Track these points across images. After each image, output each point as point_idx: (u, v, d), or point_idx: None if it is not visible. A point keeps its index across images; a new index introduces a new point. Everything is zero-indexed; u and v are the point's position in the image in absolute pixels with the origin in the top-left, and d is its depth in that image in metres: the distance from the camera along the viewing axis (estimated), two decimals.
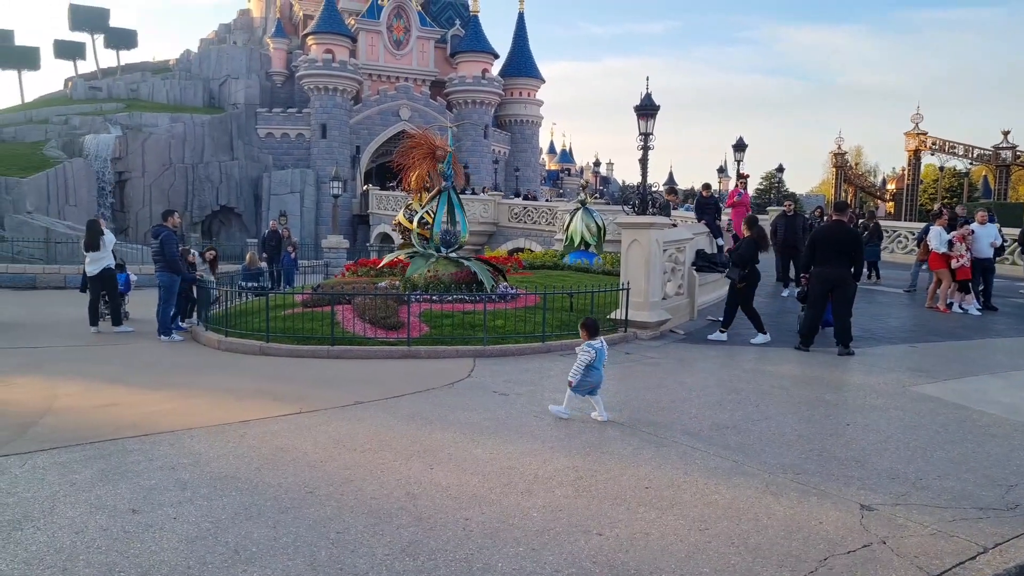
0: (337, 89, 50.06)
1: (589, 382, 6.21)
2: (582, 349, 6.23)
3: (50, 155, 43.80)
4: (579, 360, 6.17)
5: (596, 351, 6.22)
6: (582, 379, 6.18)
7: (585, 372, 6.17)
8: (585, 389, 6.24)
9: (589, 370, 6.17)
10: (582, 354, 6.18)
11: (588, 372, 6.17)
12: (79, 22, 56.66)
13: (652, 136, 13.84)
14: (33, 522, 3.90)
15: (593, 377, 6.20)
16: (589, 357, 6.16)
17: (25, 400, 6.83)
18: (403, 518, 4.05)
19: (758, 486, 4.65)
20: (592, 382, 6.22)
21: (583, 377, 6.17)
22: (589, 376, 6.19)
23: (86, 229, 12.44)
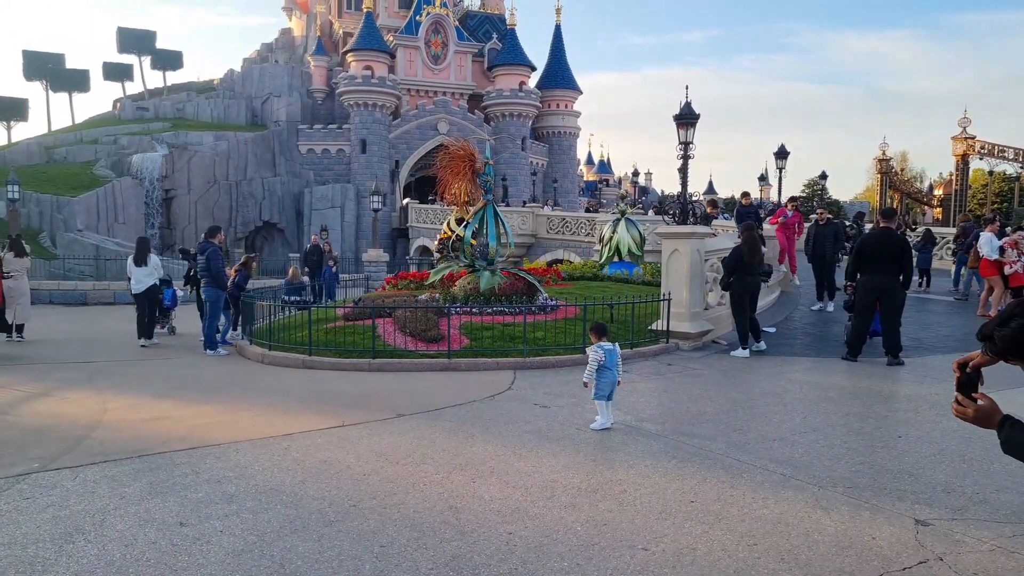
0: (376, 104, 50.78)
1: (606, 383, 6.30)
2: (592, 349, 6.38)
3: (100, 174, 45.27)
4: (590, 360, 6.33)
5: (606, 352, 6.34)
6: (599, 382, 6.30)
7: (599, 374, 6.27)
8: (604, 393, 6.34)
9: (602, 371, 6.29)
10: (592, 354, 6.34)
11: (602, 373, 6.28)
12: (127, 44, 58.60)
13: (692, 145, 13.69)
14: (84, 535, 3.98)
15: (607, 378, 6.31)
16: (599, 356, 6.29)
17: (77, 414, 7.01)
18: (446, 532, 4.03)
19: (808, 500, 4.52)
20: (608, 383, 6.31)
21: (599, 379, 6.29)
22: (604, 377, 6.29)
23: (137, 244, 13.30)
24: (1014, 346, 2.47)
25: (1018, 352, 2.47)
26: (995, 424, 2.55)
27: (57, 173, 44.94)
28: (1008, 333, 2.47)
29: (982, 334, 2.57)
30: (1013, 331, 2.46)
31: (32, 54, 57.62)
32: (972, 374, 2.60)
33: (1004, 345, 2.48)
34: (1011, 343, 2.47)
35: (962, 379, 2.62)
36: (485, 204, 12.71)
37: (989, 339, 2.53)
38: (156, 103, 56.16)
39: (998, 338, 2.49)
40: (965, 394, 2.61)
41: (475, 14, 61.36)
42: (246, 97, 56.12)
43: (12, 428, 6.47)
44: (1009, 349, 2.48)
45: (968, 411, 2.58)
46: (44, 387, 8.43)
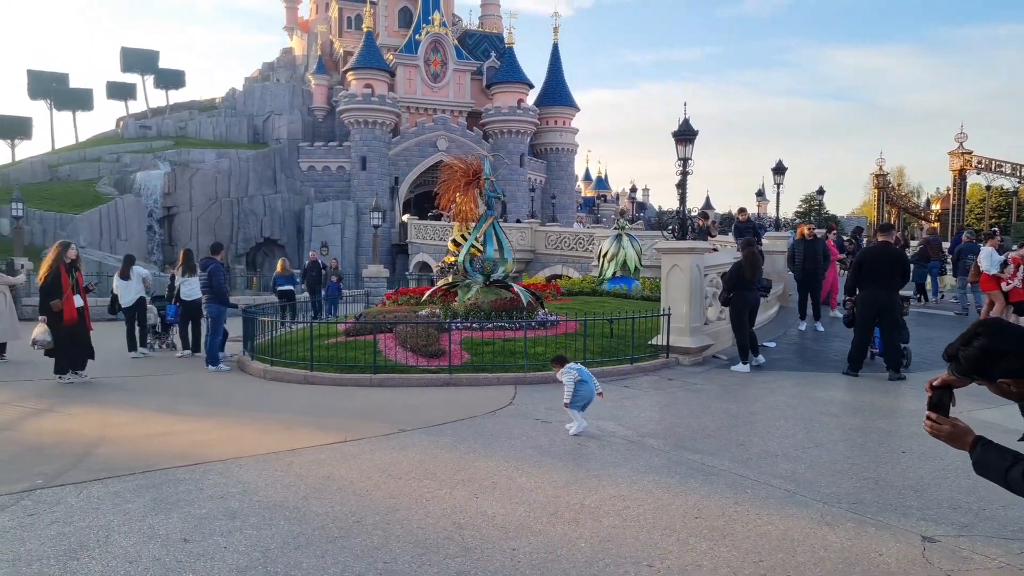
0: (376, 122, 51.07)
1: (583, 396, 6.64)
2: (563, 374, 6.71)
3: (103, 192, 45.45)
4: (566, 385, 6.63)
5: (576, 370, 6.70)
6: (576, 394, 6.60)
7: (578, 387, 6.61)
8: (580, 403, 6.63)
9: (580, 385, 6.62)
10: (565, 378, 6.65)
11: (580, 387, 6.62)
12: (130, 64, 59.04)
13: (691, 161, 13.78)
14: (89, 551, 3.97)
15: (585, 390, 6.64)
16: (573, 376, 6.63)
17: (80, 430, 7.01)
18: (450, 548, 4.03)
19: (813, 516, 4.52)
20: (585, 395, 6.64)
21: (577, 392, 6.60)
22: (581, 390, 6.63)
23: (123, 260, 14.02)
24: (978, 366, 2.48)
25: (982, 372, 2.48)
26: (968, 444, 2.57)
27: (61, 191, 45.12)
28: (972, 353, 2.48)
29: (947, 354, 2.58)
30: (976, 351, 2.47)
31: (37, 73, 58.01)
32: (943, 393, 2.62)
33: (968, 365, 2.49)
34: (975, 363, 2.48)
35: (933, 399, 2.64)
36: (490, 220, 12.77)
37: (954, 359, 2.55)
38: (159, 121, 56.49)
39: (962, 358, 2.50)
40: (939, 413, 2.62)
41: (474, 33, 61.91)
42: (248, 115, 56.49)
43: (16, 444, 6.46)
44: (973, 369, 2.49)
45: (943, 428, 2.59)
46: (48, 403, 8.42)
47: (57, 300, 9.75)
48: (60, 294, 9.81)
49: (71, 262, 10.12)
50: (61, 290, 9.83)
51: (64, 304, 9.77)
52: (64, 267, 9.92)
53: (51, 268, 9.84)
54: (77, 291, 10.10)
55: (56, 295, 9.79)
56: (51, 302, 9.76)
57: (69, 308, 9.83)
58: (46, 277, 9.84)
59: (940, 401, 2.61)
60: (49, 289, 9.82)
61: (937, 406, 2.61)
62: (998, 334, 2.45)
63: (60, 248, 10.16)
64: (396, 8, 58.39)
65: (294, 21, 69.86)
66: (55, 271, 9.83)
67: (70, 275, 9.99)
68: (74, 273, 10.12)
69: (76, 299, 10.00)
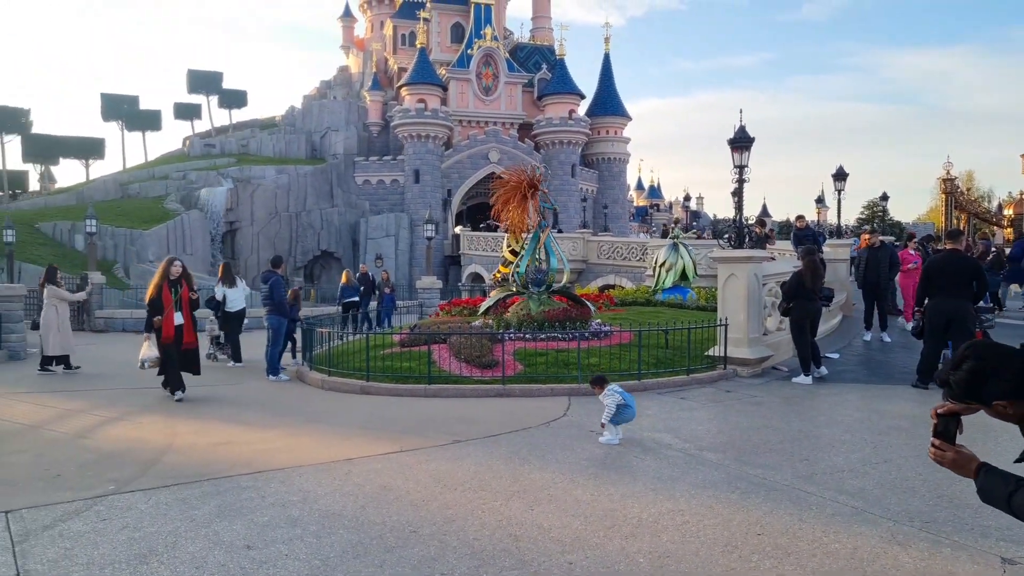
0: (429, 136, 51.77)
1: (625, 417, 6.71)
2: (606, 395, 6.74)
3: (170, 208, 47.23)
4: (608, 407, 6.67)
5: (619, 393, 6.75)
6: (619, 415, 6.67)
7: (621, 410, 6.66)
8: (616, 421, 6.70)
9: (623, 409, 6.68)
10: (608, 400, 6.69)
11: (623, 411, 6.68)
12: (196, 85, 61.43)
13: (747, 169, 13.52)
14: (158, 556, 4.09)
15: (627, 414, 6.70)
16: (617, 399, 6.67)
17: (149, 438, 7.25)
18: (506, 560, 4.01)
19: (882, 535, 4.35)
20: (627, 418, 6.72)
21: (620, 413, 6.66)
22: (623, 414, 6.68)
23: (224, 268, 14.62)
24: (970, 389, 2.37)
25: (974, 395, 2.37)
26: (972, 472, 2.47)
27: (131, 208, 47.07)
28: (962, 376, 2.38)
29: (939, 380, 2.48)
30: (966, 374, 2.37)
31: (109, 97, 60.88)
32: (948, 421, 2.52)
33: (960, 389, 2.39)
34: (966, 386, 2.37)
35: (938, 427, 2.54)
36: (546, 231, 12.79)
37: (946, 384, 2.44)
38: (222, 140, 58.52)
39: (953, 382, 2.41)
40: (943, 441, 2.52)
41: (525, 46, 62.28)
42: (306, 132, 58.01)
43: (90, 452, 6.72)
44: (966, 393, 2.38)
45: (947, 455, 2.50)
46: (119, 412, 8.75)
47: (159, 317, 9.55)
48: (162, 311, 9.59)
49: (175, 278, 9.80)
50: (163, 307, 9.60)
51: (164, 322, 9.56)
52: (167, 284, 9.68)
53: (156, 286, 9.70)
54: (180, 308, 9.78)
55: (160, 312, 9.59)
56: (153, 319, 9.60)
57: (166, 327, 9.58)
58: (152, 294, 9.70)
59: (946, 429, 2.52)
60: (154, 306, 9.66)
61: (942, 434, 2.52)
62: (986, 355, 2.35)
63: (165, 264, 9.97)
64: (448, 24, 59.19)
65: (350, 40, 71.50)
66: (159, 287, 9.65)
67: (173, 292, 9.70)
68: (178, 289, 9.77)
69: (176, 316, 9.70)
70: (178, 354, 9.70)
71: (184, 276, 9.91)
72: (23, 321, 15.54)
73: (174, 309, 9.65)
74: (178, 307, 9.72)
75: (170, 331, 9.59)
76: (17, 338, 14.89)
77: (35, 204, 49.73)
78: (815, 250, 10.61)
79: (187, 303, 9.87)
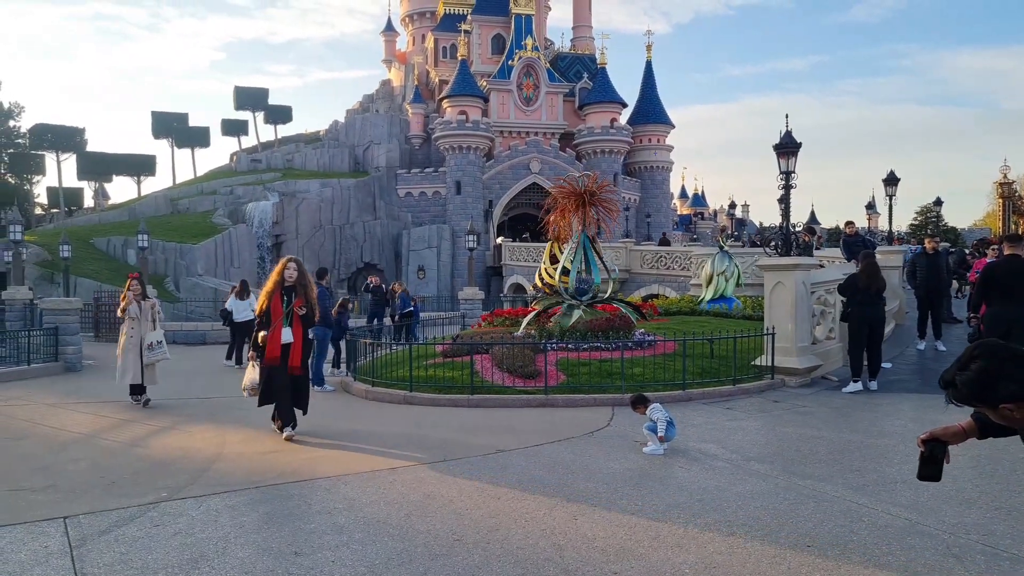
0: (470, 147, 52.19)
1: (668, 436, 6.73)
2: (652, 411, 6.80)
3: (217, 222, 48.49)
4: (660, 420, 6.69)
5: (663, 411, 6.80)
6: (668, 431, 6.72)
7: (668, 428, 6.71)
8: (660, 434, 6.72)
9: (670, 427, 6.72)
10: (661, 414, 6.73)
11: (670, 429, 6.73)
12: (242, 102, 63.05)
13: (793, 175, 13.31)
14: (208, 561, 4.19)
15: (671, 432, 6.75)
16: (666, 415, 6.73)
17: (199, 447, 7.43)
18: (550, 569, 4.00)
19: (938, 548, 4.21)
20: (670, 436, 6.75)
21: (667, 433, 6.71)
22: (668, 432, 6.71)
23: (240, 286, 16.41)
24: (977, 391, 2.25)
25: (982, 397, 2.25)
26: None
27: (180, 222, 48.45)
28: (969, 377, 2.26)
29: (944, 380, 2.36)
30: (974, 374, 2.25)
31: (160, 115, 62.94)
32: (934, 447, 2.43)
33: (967, 390, 2.27)
34: (973, 388, 2.25)
35: (924, 455, 2.44)
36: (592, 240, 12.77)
37: (951, 385, 2.33)
38: (268, 155, 59.89)
39: (960, 383, 2.29)
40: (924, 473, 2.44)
41: (565, 55, 62.41)
42: (349, 146, 59.01)
43: (144, 460, 6.92)
44: (972, 394, 2.27)
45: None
46: (171, 421, 8.99)
47: (264, 333, 7.67)
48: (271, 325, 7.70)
49: (291, 284, 7.82)
50: (272, 320, 7.69)
51: (268, 339, 7.63)
52: (280, 291, 7.76)
53: (267, 293, 7.80)
54: (289, 323, 7.73)
55: (267, 326, 7.70)
56: (259, 334, 7.75)
57: (271, 345, 7.62)
58: (262, 304, 7.82)
59: (931, 455, 2.42)
60: (262, 319, 7.81)
61: (928, 461, 2.43)
62: (996, 355, 2.23)
63: (280, 267, 7.93)
64: (489, 35, 59.68)
65: (392, 54, 72.60)
66: (271, 296, 7.75)
67: (284, 302, 7.74)
68: (291, 299, 7.78)
69: (284, 333, 7.69)
70: (282, 379, 7.75)
71: (300, 284, 7.87)
72: (79, 334, 16.06)
73: (282, 324, 7.67)
74: (288, 322, 7.71)
75: (275, 350, 7.63)
76: (73, 350, 15.38)
77: (90, 220, 51.59)
78: (874, 254, 10.41)
79: (298, 318, 7.78)
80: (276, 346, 7.64)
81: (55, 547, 4.43)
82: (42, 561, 4.20)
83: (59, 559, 4.24)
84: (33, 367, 14.37)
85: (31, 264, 36.45)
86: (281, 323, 7.68)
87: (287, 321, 7.71)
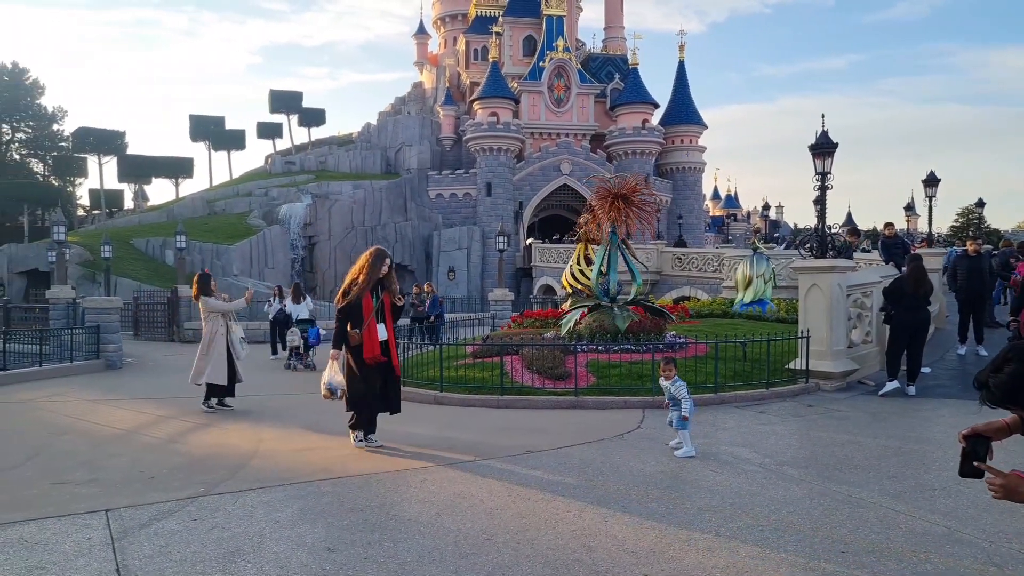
0: (501, 149, 52.28)
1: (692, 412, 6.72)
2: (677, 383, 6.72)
3: (252, 224, 49.24)
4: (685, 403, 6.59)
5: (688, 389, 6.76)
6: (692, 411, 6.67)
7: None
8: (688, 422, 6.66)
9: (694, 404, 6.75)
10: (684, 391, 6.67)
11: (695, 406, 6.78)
12: (277, 105, 63.94)
13: (829, 176, 13.09)
14: (245, 556, 4.27)
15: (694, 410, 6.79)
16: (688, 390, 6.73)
17: (236, 444, 7.57)
18: (580, 570, 4.00)
19: (977, 556, 4.12)
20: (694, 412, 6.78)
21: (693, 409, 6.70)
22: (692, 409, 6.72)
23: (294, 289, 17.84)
24: (1011, 393, 2.22)
25: (1016, 399, 2.22)
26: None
27: (217, 224, 49.30)
28: (1003, 379, 2.22)
29: (978, 382, 2.33)
30: (1009, 377, 2.21)
31: (197, 118, 64.12)
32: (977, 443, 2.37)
33: (1000, 392, 2.24)
34: (1007, 390, 2.22)
35: (967, 450, 2.39)
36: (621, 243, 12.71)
37: (985, 387, 2.29)
38: (302, 157, 60.66)
39: (993, 385, 2.25)
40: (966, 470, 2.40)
41: (597, 56, 62.19)
42: (381, 148, 59.52)
43: (182, 456, 7.08)
44: (1006, 396, 2.23)
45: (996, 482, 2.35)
46: (208, 419, 9.17)
47: (356, 331, 7.00)
48: (362, 322, 7.01)
49: (381, 278, 7.20)
50: (363, 317, 7.01)
51: (364, 335, 6.96)
52: (370, 287, 7.13)
53: (360, 287, 7.07)
54: (382, 318, 7.17)
55: (357, 322, 7.04)
56: (349, 331, 7.05)
57: (370, 342, 6.97)
58: (352, 296, 7.09)
59: (974, 451, 2.38)
60: (350, 314, 7.07)
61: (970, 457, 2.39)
62: None
63: (372, 258, 7.17)
64: (521, 37, 59.74)
65: (424, 56, 73.07)
66: (363, 289, 7.06)
67: (375, 296, 7.15)
68: (380, 293, 7.20)
69: (380, 330, 7.09)
70: (383, 381, 7.19)
71: (388, 276, 7.26)
72: (119, 332, 16.45)
73: (376, 320, 7.07)
74: (380, 317, 7.13)
75: (375, 348, 6.98)
76: (114, 348, 15.77)
77: (130, 221, 52.75)
78: (921, 256, 10.22)
79: (391, 312, 7.27)
80: (375, 344, 6.98)
81: (97, 539, 4.56)
82: (85, 552, 4.32)
83: (101, 551, 4.35)
84: (75, 364, 14.77)
85: (73, 264, 37.39)
86: (375, 319, 7.05)
87: (380, 317, 7.12)
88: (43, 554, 4.29)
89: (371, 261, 7.12)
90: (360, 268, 7.16)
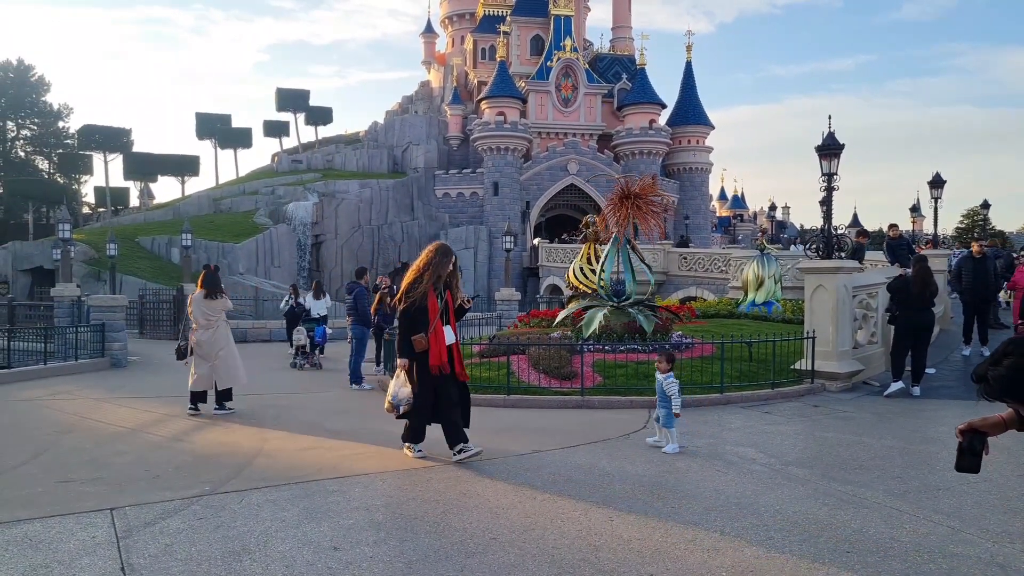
0: (508, 148, 52.29)
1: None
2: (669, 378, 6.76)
3: (259, 222, 49.36)
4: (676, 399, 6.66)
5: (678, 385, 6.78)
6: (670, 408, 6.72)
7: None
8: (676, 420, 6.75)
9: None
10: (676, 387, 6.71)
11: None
12: (284, 103, 64.10)
13: (836, 177, 13.04)
14: (250, 554, 4.29)
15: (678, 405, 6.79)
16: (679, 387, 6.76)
17: (241, 443, 7.60)
18: (585, 570, 4.01)
19: (981, 556, 4.11)
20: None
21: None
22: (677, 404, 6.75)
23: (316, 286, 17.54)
24: (1010, 386, 2.21)
25: (1015, 393, 2.21)
26: None
27: (223, 222, 49.43)
28: (1002, 372, 2.21)
29: (976, 375, 2.33)
30: (1008, 370, 2.20)
31: (204, 116, 64.30)
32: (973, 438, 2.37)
33: (999, 386, 2.23)
34: (1005, 384, 2.21)
35: (963, 445, 2.38)
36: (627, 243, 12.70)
37: (983, 380, 2.28)
38: (308, 156, 60.77)
39: (992, 378, 2.25)
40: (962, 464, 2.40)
41: (604, 56, 62.15)
42: (388, 147, 59.58)
43: (187, 454, 7.11)
44: (1004, 390, 2.22)
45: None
46: (213, 418, 9.20)
47: (421, 335, 6.32)
48: (426, 325, 6.35)
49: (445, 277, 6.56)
50: (428, 319, 6.36)
51: (430, 340, 6.31)
52: (434, 286, 6.46)
53: (424, 287, 6.43)
54: (447, 320, 6.52)
55: (422, 326, 6.37)
56: (414, 337, 6.36)
57: (437, 347, 6.33)
58: (415, 297, 6.43)
59: (970, 446, 2.38)
60: (413, 318, 6.42)
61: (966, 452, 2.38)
62: None
63: (435, 255, 6.53)
64: (528, 36, 59.73)
65: (431, 55, 73.12)
66: (426, 289, 6.42)
67: (439, 297, 6.49)
68: (443, 294, 6.55)
69: (447, 333, 6.46)
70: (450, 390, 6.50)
71: (452, 275, 6.64)
72: (124, 330, 16.51)
73: (441, 322, 6.43)
74: (445, 319, 6.49)
75: (442, 354, 6.36)
76: (119, 346, 15.82)
77: (135, 219, 52.91)
78: (927, 258, 10.18)
79: (455, 314, 6.66)
80: (442, 349, 6.34)
81: (102, 537, 4.58)
82: (90, 551, 4.34)
83: (106, 549, 4.38)
84: (80, 362, 14.82)
85: (79, 262, 37.52)
86: (441, 322, 6.40)
87: (444, 319, 6.47)
88: (48, 552, 4.32)
89: (436, 258, 6.46)
90: (423, 265, 6.48)
